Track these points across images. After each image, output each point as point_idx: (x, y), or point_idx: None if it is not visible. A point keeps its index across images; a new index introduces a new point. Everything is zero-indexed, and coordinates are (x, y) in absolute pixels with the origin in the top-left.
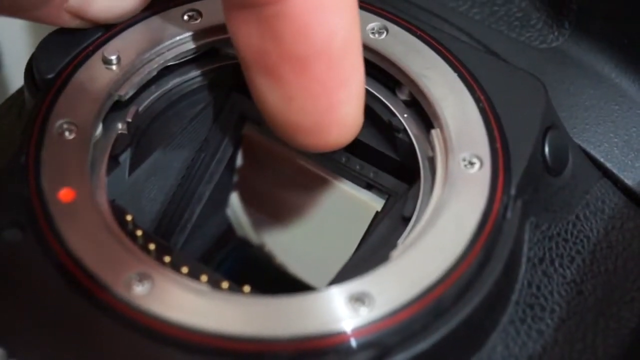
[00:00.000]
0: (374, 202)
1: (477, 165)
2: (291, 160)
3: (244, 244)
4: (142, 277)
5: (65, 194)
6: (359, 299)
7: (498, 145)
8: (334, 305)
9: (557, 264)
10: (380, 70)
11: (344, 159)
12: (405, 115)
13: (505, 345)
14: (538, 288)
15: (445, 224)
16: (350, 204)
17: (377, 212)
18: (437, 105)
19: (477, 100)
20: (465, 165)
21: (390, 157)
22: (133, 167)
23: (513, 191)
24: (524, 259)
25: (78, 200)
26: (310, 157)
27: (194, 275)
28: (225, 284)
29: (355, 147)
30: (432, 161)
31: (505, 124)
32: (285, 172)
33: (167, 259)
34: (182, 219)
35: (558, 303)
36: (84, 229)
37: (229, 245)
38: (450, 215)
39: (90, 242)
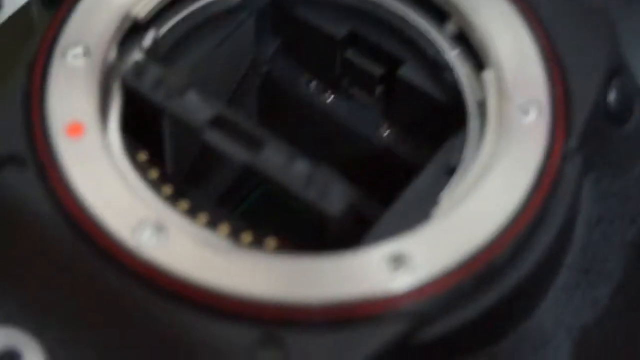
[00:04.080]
0: None
1: (534, 113)
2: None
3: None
4: (153, 226)
5: (73, 128)
6: (398, 261)
7: (559, 90)
8: (370, 268)
9: (616, 225)
10: (425, 1)
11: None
12: (454, 53)
13: (557, 315)
14: (594, 252)
15: (496, 178)
16: None
17: None
18: (490, 42)
19: (536, 38)
20: (521, 112)
21: (434, 98)
22: None
23: (574, 143)
24: (580, 219)
25: (87, 135)
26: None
27: (213, 224)
28: (247, 236)
29: (396, 85)
30: (482, 106)
31: (567, 65)
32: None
33: (183, 205)
34: (203, 156)
35: (616, 268)
36: (92, 167)
37: (250, 182)
38: (503, 169)
39: (98, 183)
